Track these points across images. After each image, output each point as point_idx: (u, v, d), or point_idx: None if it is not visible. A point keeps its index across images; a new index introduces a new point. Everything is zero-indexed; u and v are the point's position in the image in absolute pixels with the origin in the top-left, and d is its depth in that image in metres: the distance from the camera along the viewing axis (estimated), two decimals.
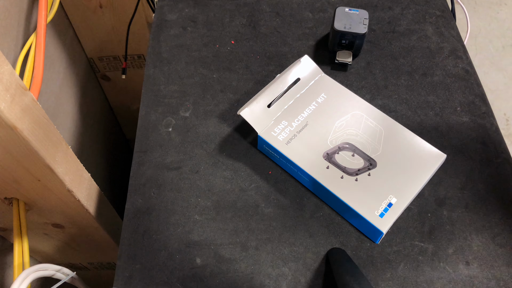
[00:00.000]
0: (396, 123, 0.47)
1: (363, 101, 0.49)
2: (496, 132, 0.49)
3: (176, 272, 0.41)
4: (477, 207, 0.44)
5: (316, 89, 0.50)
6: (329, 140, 0.45)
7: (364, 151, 0.44)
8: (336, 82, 0.51)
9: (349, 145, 0.44)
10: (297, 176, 0.45)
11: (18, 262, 0.48)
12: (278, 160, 0.46)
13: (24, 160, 0.43)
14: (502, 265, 0.41)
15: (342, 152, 0.44)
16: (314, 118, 0.47)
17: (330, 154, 0.44)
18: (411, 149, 0.45)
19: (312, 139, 0.45)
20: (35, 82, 0.52)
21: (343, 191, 0.42)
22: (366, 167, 0.43)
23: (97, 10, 0.82)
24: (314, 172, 0.43)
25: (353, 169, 0.43)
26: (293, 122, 0.46)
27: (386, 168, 0.43)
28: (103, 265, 0.82)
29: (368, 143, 0.45)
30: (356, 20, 0.53)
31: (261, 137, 0.46)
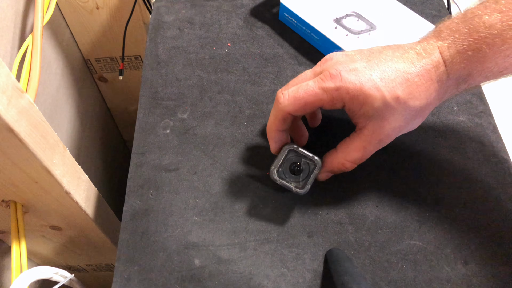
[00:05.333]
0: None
1: None
2: (493, 130, 0.49)
3: (175, 273, 0.41)
4: (474, 206, 0.44)
5: None
6: (338, 8, 0.57)
7: (367, 18, 0.55)
8: None
9: (355, 13, 0.56)
10: (309, 38, 0.56)
11: (16, 265, 0.48)
12: (295, 26, 0.58)
13: (21, 163, 0.43)
14: (501, 264, 0.41)
15: (349, 17, 0.56)
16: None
17: (339, 18, 0.55)
18: (406, 20, 0.56)
19: (325, 5, 0.57)
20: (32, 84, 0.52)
21: (346, 45, 0.52)
22: (367, 30, 0.54)
23: (93, 11, 0.82)
24: (325, 30, 0.54)
25: (356, 30, 0.54)
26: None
27: (384, 31, 0.54)
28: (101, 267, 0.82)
29: (370, 12, 0.56)
30: None
31: (283, 5, 0.57)
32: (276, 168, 0.40)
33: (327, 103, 0.36)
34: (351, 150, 0.38)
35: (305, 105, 0.36)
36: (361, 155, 0.38)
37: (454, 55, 0.34)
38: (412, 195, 0.45)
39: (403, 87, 0.34)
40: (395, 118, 0.35)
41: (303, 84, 0.36)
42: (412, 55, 0.35)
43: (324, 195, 0.45)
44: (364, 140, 0.37)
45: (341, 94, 0.35)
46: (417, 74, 0.34)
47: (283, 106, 0.37)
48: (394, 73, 0.34)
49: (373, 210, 0.44)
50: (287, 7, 0.57)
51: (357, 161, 0.39)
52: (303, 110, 0.37)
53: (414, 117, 0.36)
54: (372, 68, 0.35)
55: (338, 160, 0.39)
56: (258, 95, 0.53)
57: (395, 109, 0.34)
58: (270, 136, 0.40)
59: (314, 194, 0.45)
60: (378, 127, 0.36)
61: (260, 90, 0.53)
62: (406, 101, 0.34)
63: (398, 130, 0.36)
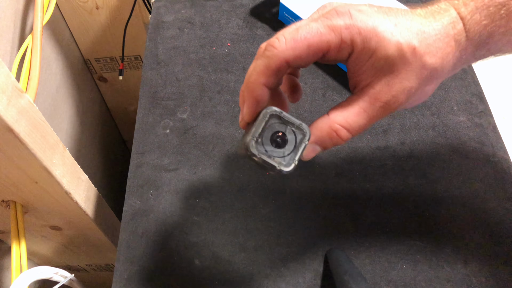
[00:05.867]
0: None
1: None
2: (493, 130, 0.49)
3: (175, 273, 0.41)
4: (474, 205, 0.44)
5: None
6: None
7: None
8: None
9: None
10: None
11: (16, 265, 0.48)
12: None
13: (21, 163, 0.43)
14: (500, 263, 0.41)
15: None
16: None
17: None
18: None
19: None
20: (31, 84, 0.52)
21: None
22: None
23: (93, 11, 0.82)
24: None
25: None
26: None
27: None
28: (101, 267, 0.82)
29: None
30: None
31: (283, 4, 0.56)
32: (254, 138, 0.29)
33: (334, 46, 0.29)
34: (349, 113, 0.30)
35: (308, 49, 0.29)
36: (360, 120, 0.30)
37: (473, 11, 0.29)
38: (412, 195, 0.45)
39: (420, 38, 0.28)
40: (407, 75, 0.29)
41: (303, 25, 0.29)
42: (425, 11, 0.30)
43: (324, 195, 0.45)
44: (366, 100, 0.30)
45: (352, 34, 0.29)
46: (434, 28, 0.29)
47: (279, 51, 0.29)
48: (409, 22, 0.29)
49: (373, 210, 0.44)
50: (287, 7, 0.57)
51: (354, 128, 0.30)
52: (305, 56, 0.29)
53: (427, 79, 0.30)
54: (384, 13, 0.29)
55: (330, 126, 0.30)
56: None
57: (409, 63, 0.29)
58: (250, 94, 0.30)
59: (314, 194, 0.45)
60: (386, 84, 0.29)
61: None
62: (422, 55, 0.28)
63: (407, 94, 0.30)
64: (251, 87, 0.30)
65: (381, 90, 0.29)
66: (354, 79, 0.31)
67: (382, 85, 0.29)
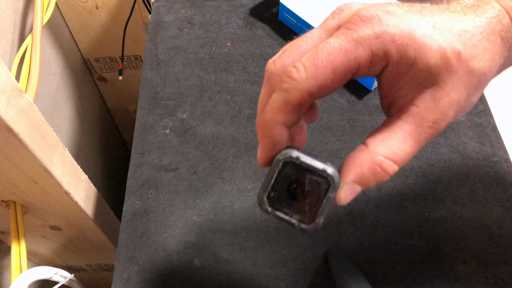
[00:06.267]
0: None
1: None
2: (493, 130, 0.49)
3: (174, 273, 0.41)
4: (474, 205, 0.44)
5: None
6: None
7: None
8: None
9: None
10: None
11: (15, 265, 0.48)
12: (295, 25, 0.58)
13: (21, 163, 0.43)
14: (500, 263, 0.41)
15: None
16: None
17: None
18: None
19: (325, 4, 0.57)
20: (31, 84, 0.52)
21: None
22: None
23: (93, 11, 0.82)
24: None
25: None
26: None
27: None
28: (101, 267, 0.82)
29: None
30: None
31: (283, 4, 0.56)
32: (266, 192, 0.25)
33: (364, 63, 0.24)
34: (393, 141, 0.24)
35: (333, 74, 0.23)
36: (407, 148, 0.25)
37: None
38: (412, 195, 0.45)
39: (463, 40, 0.24)
40: (455, 86, 0.24)
41: (321, 45, 0.24)
42: (462, 6, 0.26)
43: None
44: (411, 122, 0.24)
45: (385, 43, 0.24)
46: (477, 25, 0.24)
47: (299, 83, 0.24)
48: (448, 20, 0.24)
49: (373, 210, 0.44)
50: (286, 6, 0.57)
51: (402, 158, 0.25)
52: (330, 83, 0.24)
53: (475, 88, 0.25)
54: (418, 12, 0.25)
55: (372, 160, 0.24)
56: (257, 95, 0.53)
57: (455, 71, 0.24)
58: (266, 135, 0.25)
59: None
60: (432, 99, 0.24)
61: (260, 90, 0.53)
62: (468, 60, 0.24)
63: (456, 108, 0.25)
64: (267, 127, 0.25)
65: (427, 108, 0.24)
66: (389, 97, 0.26)
67: (427, 101, 0.24)
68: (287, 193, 0.25)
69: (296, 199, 0.25)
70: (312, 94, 0.24)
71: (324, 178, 0.24)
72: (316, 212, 0.24)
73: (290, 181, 0.25)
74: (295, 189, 0.25)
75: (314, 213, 0.24)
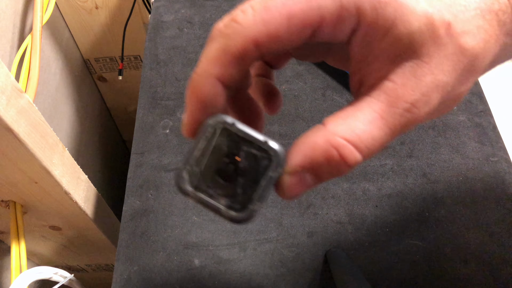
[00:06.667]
0: None
1: None
2: (493, 130, 0.49)
3: (174, 273, 0.41)
4: (474, 205, 0.44)
5: None
6: None
7: None
8: None
9: None
10: None
11: (15, 265, 0.48)
12: None
13: (21, 163, 0.43)
14: (500, 263, 0.41)
15: None
16: None
17: None
18: None
19: None
20: (31, 84, 0.52)
21: None
22: None
23: (92, 11, 0.82)
24: None
25: None
26: None
27: None
28: (101, 267, 0.82)
29: None
30: None
31: None
32: (187, 166, 0.19)
33: (329, 18, 0.19)
34: (357, 122, 0.18)
35: (288, 23, 0.18)
36: (375, 131, 0.18)
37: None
38: (412, 195, 0.45)
39: (454, 11, 0.19)
40: (442, 63, 0.19)
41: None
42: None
43: (323, 195, 0.45)
44: (383, 100, 0.19)
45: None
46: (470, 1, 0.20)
47: (244, 28, 0.18)
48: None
49: (373, 210, 0.44)
50: None
51: (368, 143, 0.18)
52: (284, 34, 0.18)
53: (466, 70, 0.19)
54: None
55: (328, 140, 0.18)
56: None
57: (443, 45, 0.19)
58: (194, 93, 0.19)
59: (314, 194, 0.45)
60: (413, 75, 0.18)
61: None
62: (459, 35, 0.19)
63: (442, 92, 0.19)
64: (197, 81, 0.19)
65: (405, 84, 0.18)
66: (360, 72, 0.20)
67: (406, 76, 0.19)
68: (216, 170, 0.19)
69: (227, 178, 0.19)
70: (258, 44, 0.19)
71: (264, 152, 0.18)
72: (251, 196, 0.18)
73: (220, 155, 0.19)
74: (227, 165, 0.19)
75: (249, 197, 0.18)
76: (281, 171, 0.18)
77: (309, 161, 0.18)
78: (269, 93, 0.26)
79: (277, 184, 0.19)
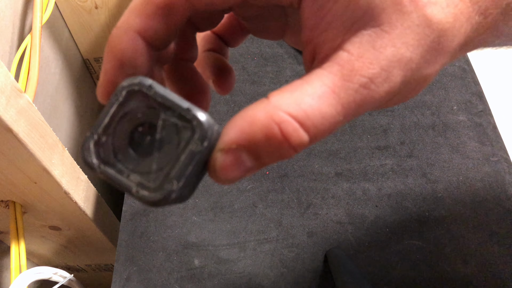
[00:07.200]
0: None
1: None
2: (493, 130, 0.49)
3: (174, 273, 0.41)
4: (474, 205, 0.44)
5: None
6: None
7: None
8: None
9: None
10: None
11: (15, 265, 0.48)
12: None
13: (20, 163, 0.42)
14: (500, 263, 0.41)
15: None
16: None
17: None
18: None
19: None
20: (30, 84, 0.52)
21: None
22: None
23: (92, 10, 0.81)
24: None
25: None
26: None
27: None
28: (100, 267, 0.82)
29: None
30: None
31: None
32: (94, 135, 0.16)
33: None
34: (304, 95, 0.15)
35: None
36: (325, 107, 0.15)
37: None
38: (412, 195, 0.45)
39: None
40: (405, 35, 0.16)
41: None
42: None
43: (324, 195, 0.45)
44: (336, 73, 0.16)
45: None
46: None
47: None
48: None
49: (373, 210, 0.44)
50: None
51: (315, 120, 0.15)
52: None
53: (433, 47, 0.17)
54: None
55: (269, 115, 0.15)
56: (257, 95, 0.52)
57: (407, 14, 0.16)
58: (114, 47, 0.17)
59: (314, 194, 0.45)
60: (371, 46, 0.16)
61: (260, 90, 0.53)
62: (425, 5, 0.16)
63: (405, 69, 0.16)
64: (114, 36, 0.17)
65: (361, 56, 0.16)
66: (313, 40, 0.17)
67: (364, 47, 0.16)
68: (128, 141, 0.16)
69: (142, 151, 0.16)
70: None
71: (187, 122, 0.15)
72: (168, 173, 0.15)
73: (134, 123, 0.16)
74: (142, 135, 0.16)
75: (165, 174, 0.15)
76: (208, 145, 0.15)
77: (245, 137, 0.15)
78: (220, 69, 0.23)
79: (209, 164, 0.15)
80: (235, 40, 0.22)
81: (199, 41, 0.22)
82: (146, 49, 0.16)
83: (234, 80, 0.23)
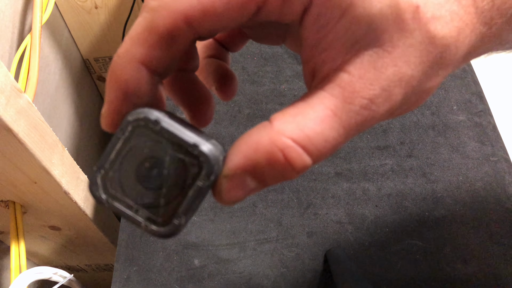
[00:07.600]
0: None
1: None
2: (493, 130, 0.49)
3: (174, 273, 0.41)
4: (474, 205, 0.44)
5: None
6: None
7: None
8: None
9: None
10: None
11: (15, 265, 0.48)
12: None
13: (20, 163, 0.42)
14: (500, 263, 0.41)
15: None
16: None
17: None
18: None
19: None
20: (30, 84, 0.51)
21: None
22: None
23: (92, 10, 0.81)
24: None
25: None
26: None
27: None
28: (100, 267, 0.82)
29: None
30: None
31: None
32: (101, 170, 0.16)
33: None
34: (307, 120, 0.16)
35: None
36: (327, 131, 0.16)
37: None
38: (412, 195, 0.45)
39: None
40: (407, 54, 0.16)
41: None
42: None
43: (324, 195, 0.45)
44: (337, 95, 0.16)
45: None
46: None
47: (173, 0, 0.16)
48: None
49: (373, 210, 0.44)
50: None
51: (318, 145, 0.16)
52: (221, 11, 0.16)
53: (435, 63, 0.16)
54: None
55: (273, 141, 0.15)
56: (257, 95, 0.52)
57: (409, 32, 0.16)
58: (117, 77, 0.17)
59: (314, 193, 0.45)
60: (372, 67, 0.16)
61: (260, 90, 0.53)
62: (429, 21, 0.16)
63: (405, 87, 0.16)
64: (117, 65, 0.17)
65: (362, 77, 0.16)
66: (313, 58, 0.17)
67: (365, 68, 0.16)
68: (136, 176, 0.16)
69: (149, 186, 0.16)
70: (190, 21, 0.15)
71: (194, 158, 0.15)
72: (176, 208, 0.15)
73: (141, 158, 0.16)
74: (149, 170, 0.16)
75: (173, 209, 0.15)
76: (214, 179, 0.15)
77: (250, 163, 0.15)
78: (223, 76, 0.22)
79: (214, 189, 0.16)
80: (235, 45, 0.22)
81: (199, 48, 0.22)
82: (149, 77, 0.16)
83: (237, 86, 0.23)
